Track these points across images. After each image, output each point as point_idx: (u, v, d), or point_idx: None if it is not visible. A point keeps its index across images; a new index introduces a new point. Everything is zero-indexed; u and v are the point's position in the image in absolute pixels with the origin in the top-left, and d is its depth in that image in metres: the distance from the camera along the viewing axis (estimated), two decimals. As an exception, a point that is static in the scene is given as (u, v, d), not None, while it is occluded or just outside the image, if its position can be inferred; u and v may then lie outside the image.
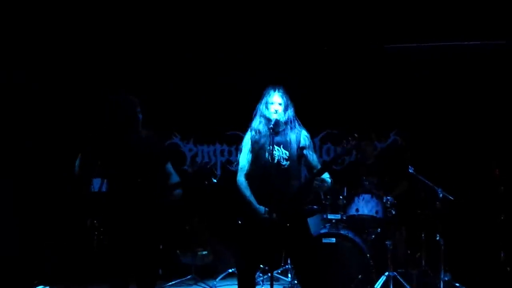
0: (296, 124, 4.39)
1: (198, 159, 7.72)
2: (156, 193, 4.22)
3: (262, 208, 4.17)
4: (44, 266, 6.26)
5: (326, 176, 4.24)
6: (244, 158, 4.39)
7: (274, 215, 4.04)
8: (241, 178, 4.34)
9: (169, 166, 4.36)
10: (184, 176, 4.87)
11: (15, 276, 5.77)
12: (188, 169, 7.43)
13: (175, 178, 4.34)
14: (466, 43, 6.59)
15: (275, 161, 4.22)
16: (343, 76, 7.17)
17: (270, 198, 4.04)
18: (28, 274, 5.98)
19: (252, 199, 4.25)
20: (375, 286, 5.23)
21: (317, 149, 7.47)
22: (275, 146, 4.24)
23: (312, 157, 4.40)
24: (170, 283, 6.24)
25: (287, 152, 4.29)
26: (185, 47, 6.86)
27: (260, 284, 5.62)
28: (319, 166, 4.34)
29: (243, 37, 6.63)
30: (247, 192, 4.29)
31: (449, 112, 7.00)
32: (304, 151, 4.35)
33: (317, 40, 6.70)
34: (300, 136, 4.36)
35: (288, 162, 4.28)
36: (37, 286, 5.83)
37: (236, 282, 4.47)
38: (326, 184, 4.22)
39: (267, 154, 4.17)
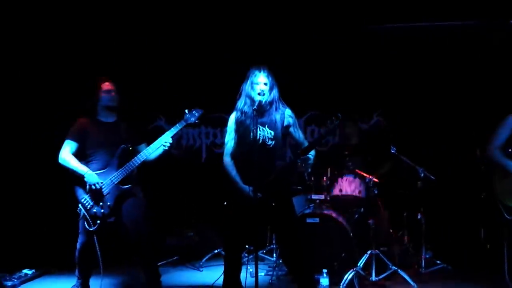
0: (280, 104, 4.44)
1: (183, 142, 7.74)
2: None
3: (247, 188, 4.23)
4: (29, 250, 6.26)
5: (310, 154, 4.29)
6: (230, 139, 4.44)
7: (259, 194, 4.10)
8: (226, 158, 4.40)
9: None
10: (170, 159, 4.90)
11: (0, 259, 5.78)
12: (174, 152, 7.45)
13: None
14: (447, 23, 6.63)
15: (260, 141, 4.28)
16: (326, 57, 7.20)
17: (255, 177, 4.09)
18: (13, 258, 5.99)
19: (237, 178, 4.32)
20: (358, 264, 5.32)
21: (302, 130, 7.52)
22: (260, 126, 4.29)
23: (298, 134, 4.47)
24: (157, 264, 6.29)
25: (272, 132, 4.33)
26: (170, 29, 6.83)
27: (245, 264, 5.68)
28: (305, 143, 4.40)
29: (227, 18, 6.61)
30: (233, 171, 4.35)
31: (430, 92, 7.07)
32: (290, 129, 4.42)
33: (300, 22, 6.70)
34: (284, 115, 4.41)
35: (273, 142, 4.33)
36: (23, 270, 5.84)
37: (222, 263, 4.54)
38: (309, 162, 4.28)
39: (252, 134, 4.21)
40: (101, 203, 4.64)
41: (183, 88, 7.44)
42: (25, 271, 5.79)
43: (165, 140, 4.75)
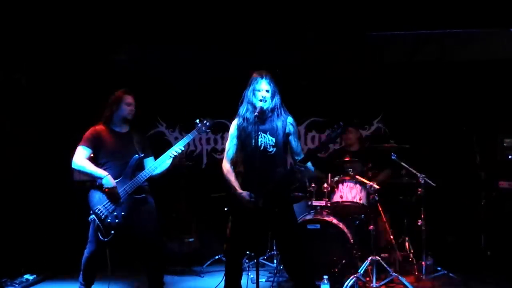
0: (282, 111, 4.45)
1: (184, 148, 7.73)
2: None
3: (246, 194, 4.25)
4: (31, 255, 6.27)
5: (309, 165, 4.31)
6: (231, 145, 4.46)
7: (261, 201, 4.11)
8: (226, 164, 4.42)
9: None
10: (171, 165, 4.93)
11: (1, 264, 5.78)
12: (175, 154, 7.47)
13: None
14: (448, 30, 6.66)
15: (262, 147, 4.29)
16: (327, 64, 7.22)
17: (256, 184, 4.10)
18: (14, 262, 5.99)
19: (235, 184, 4.33)
20: (359, 271, 5.32)
21: (302, 137, 7.55)
22: (261, 133, 4.30)
23: (295, 143, 4.47)
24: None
25: (273, 139, 4.35)
26: (169, 33, 6.84)
27: (246, 270, 5.69)
28: (301, 154, 4.41)
29: (227, 25, 6.63)
30: (231, 177, 4.37)
31: (431, 99, 7.09)
32: (289, 137, 4.43)
33: (302, 28, 6.72)
34: (286, 123, 4.43)
35: (275, 149, 4.35)
36: (24, 274, 5.84)
37: (223, 269, 4.54)
38: (309, 172, 4.30)
39: (253, 140, 4.22)
40: (115, 213, 4.64)
41: (183, 93, 7.47)
42: (27, 276, 5.81)
43: (176, 150, 4.79)
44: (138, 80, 7.21)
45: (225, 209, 4.58)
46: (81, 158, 4.75)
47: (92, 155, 4.82)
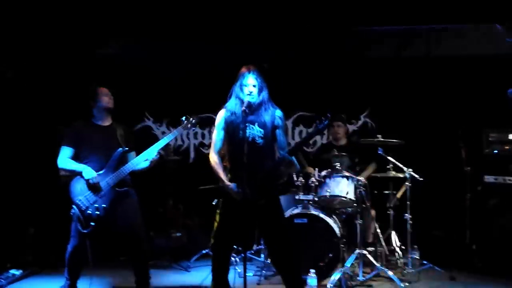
0: (270, 105, 4.46)
1: (171, 142, 7.72)
2: None
3: (233, 185, 4.25)
4: (17, 250, 6.24)
5: (294, 160, 4.32)
6: (218, 137, 4.45)
7: (248, 192, 4.11)
8: (213, 155, 4.41)
9: None
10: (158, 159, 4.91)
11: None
12: (161, 152, 7.45)
13: None
14: (435, 25, 6.69)
15: (250, 139, 4.29)
16: (314, 58, 7.23)
17: (244, 176, 4.10)
18: (1, 258, 5.96)
19: (223, 176, 4.33)
20: (346, 264, 5.35)
21: (290, 131, 7.56)
22: (249, 124, 4.30)
23: (281, 138, 4.47)
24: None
25: (262, 131, 4.35)
26: (157, 29, 6.82)
27: (233, 265, 5.69)
28: (286, 149, 4.41)
29: (215, 19, 6.61)
30: (219, 169, 4.37)
31: (417, 94, 7.13)
32: (276, 130, 4.44)
33: (289, 23, 6.72)
34: (274, 116, 4.43)
35: (263, 141, 4.35)
36: (10, 269, 5.81)
37: (210, 263, 4.54)
38: (294, 166, 4.32)
39: (241, 132, 4.22)
40: (96, 205, 4.62)
41: (171, 88, 7.45)
42: (13, 271, 5.77)
43: (161, 145, 4.78)
44: (125, 74, 7.20)
45: (213, 203, 4.58)
46: (63, 158, 4.77)
47: (75, 152, 4.81)
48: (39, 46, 6.63)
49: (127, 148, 4.84)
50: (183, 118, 4.91)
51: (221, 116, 4.47)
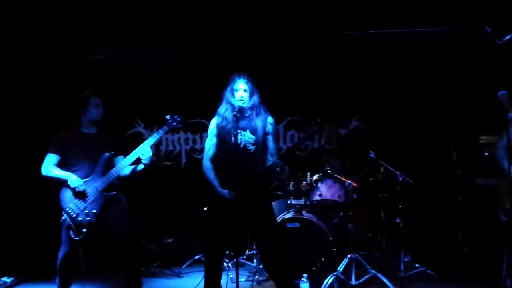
0: (262, 110, 4.47)
1: (162, 148, 7.72)
2: None
3: (225, 192, 4.25)
4: (8, 257, 6.19)
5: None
6: (210, 143, 4.45)
7: (241, 198, 4.11)
8: (206, 162, 4.42)
9: None
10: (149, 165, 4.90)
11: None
12: (152, 158, 7.44)
13: None
14: (424, 29, 6.71)
15: (241, 145, 4.30)
16: (305, 63, 7.24)
17: (235, 182, 4.11)
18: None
19: (215, 182, 4.33)
20: (338, 269, 5.35)
21: (281, 136, 7.56)
22: (241, 131, 4.31)
23: (272, 144, 4.48)
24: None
25: (253, 137, 4.36)
26: (148, 33, 6.81)
27: (226, 270, 5.68)
28: (276, 156, 4.41)
29: (206, 24, 6.61)
30: (211, 175, 4.37)
31: (408, 97, 7.15)
32: (267, 136, 4.45)
33: (279, 28, 6.73)
34: (266, 122, 4.44)
35: (254, 147, 4.36)
36: (1, 277, 5.77)
37: (203, 269, 4.54)
38: (285, 172, 4.33)
39: (233, 138, 4.23)
40: (86, 211, 4.60)
41: (161, 93, 7.42)
42: (4, 279, 5.75)
43: (146, 147, 4.76)
44: (116, 80, 7.17)
45: (205, 208, 4.57)
46: (48, 165, 4.76)
47: (62, 159, 4.79)
48: (28, 52, 6.60)
49: (113, 153, 4.84)
50: (168, 117, 4.91)
51: (214, 123, 4.49)
